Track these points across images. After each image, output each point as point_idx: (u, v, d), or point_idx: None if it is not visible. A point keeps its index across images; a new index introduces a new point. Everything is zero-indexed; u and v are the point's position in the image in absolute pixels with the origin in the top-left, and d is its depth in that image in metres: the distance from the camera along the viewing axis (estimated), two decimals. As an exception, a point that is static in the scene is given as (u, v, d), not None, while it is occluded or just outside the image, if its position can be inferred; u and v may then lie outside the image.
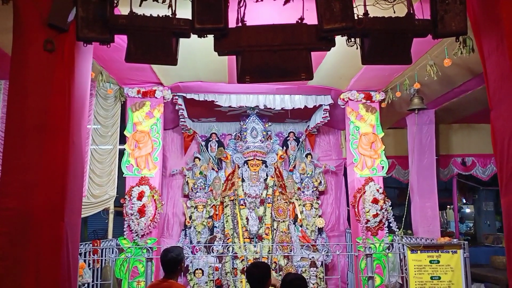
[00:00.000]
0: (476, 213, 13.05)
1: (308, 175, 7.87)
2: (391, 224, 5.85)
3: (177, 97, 6.35)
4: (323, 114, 6.82)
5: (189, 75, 5.64)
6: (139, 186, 5.60)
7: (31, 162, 2.68)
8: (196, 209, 7.47)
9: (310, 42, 2.78)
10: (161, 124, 5.89)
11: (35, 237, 2.59)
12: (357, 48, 2.93)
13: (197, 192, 7.53)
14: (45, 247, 2.59)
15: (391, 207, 5.87)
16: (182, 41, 2.98)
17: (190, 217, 7.42)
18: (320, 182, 7.93)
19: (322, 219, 7.57)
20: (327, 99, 6.44)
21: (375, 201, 5.70)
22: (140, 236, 5.47)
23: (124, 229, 5.59)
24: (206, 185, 7.70)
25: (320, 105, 6.80)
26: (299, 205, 7.57)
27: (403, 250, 4.87)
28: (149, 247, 4.84)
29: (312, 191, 7.68)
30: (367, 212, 5.72)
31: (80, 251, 4.81)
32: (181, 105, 6.59)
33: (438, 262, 4.39)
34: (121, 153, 5.82)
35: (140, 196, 5.51)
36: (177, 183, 8.40)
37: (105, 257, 4.99)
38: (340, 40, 3.12)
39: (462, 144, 9.04)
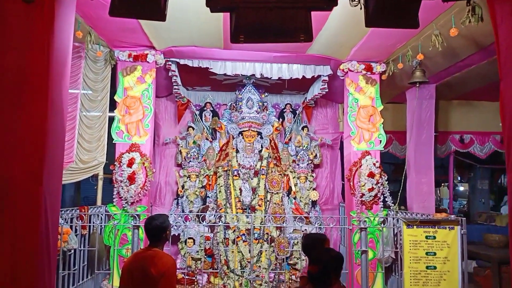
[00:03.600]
0: (471, 191, 13.07)
1: (304, 148, 7.73)
2: (386, 199, 5.76)
3: (170, 63, 6.10)
4: (322, 85, 6.61)
5: (183, 38, 5.38)
6: (129, 153, 5.44)
7: (8, 122, 2.49)
8: (189, 178, 7.35)
9: (310, 0, 2.56)
10: (153, 90, 5.68)
11: (11, 202, 2.43)
12: (361, 8, 2.72)
13: (190, 161, 7.40)
14: (22, 213, 2.45)
15: (387, 182, 5.76)
16: (176, 4, 2.74)
17: (183, 187, 7.32)
18: (316, 155, 7.81)
19: (316, 192, 7.49)
20: (326, 70, 6.21)
21: (371, 175, 5.58)
22: (129, 203, 5.35)
23: (114, 196, 5.47)
24: (199, 155, 7.56)
25: (319, 76, 6.57)
26: (294, 177, 7.47)
27: (398, 224, 4.78)
28: (136, 215, 4.72)
29: (307, 164, 7.56)
30: (363, 186, 5.61)
31: (67, 217, 4.70)
32: (174, 71, 6.35)
33: (434, 238, 4.31)
34: (111, 118, 5.62)
35: (130, 163, 5.36)
36: (170, 152, 8.26)
37: (93, 223, 4.87)
38: (342, 2, 2.91)
39: (461, 121, 8.91)
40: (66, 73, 2.89)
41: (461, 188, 15.55)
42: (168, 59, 5.97)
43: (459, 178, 14.46)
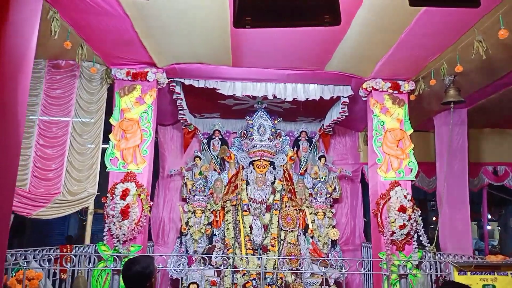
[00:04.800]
0: (503, 229, 11.97)
1: (321, 180, 6.97)
2: (421, 238, 4.90)
3: (174, 84, 5.54)
4: (341, 108, 5.95)
5: (187, 54, 4.83)
6: (123, 183, 4.77)
7: None
8: (194, 214, 6.61)
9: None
10: (153, 112, 5.08)
11: None
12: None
13: (195, 194, 6.68)
14: None
15: (420, 218, 4.93)
16: (177, 12, 2.14)
17: (187, 223, 6.57)
18: (335, 188, 7.03)
19: (336, 230, 6.65)
20: (347, 90, 5.56)
21: (402, 209, 4.77)
22: (121, 242, 4.62)
23: (104, 234, 4.75)
24: (206, 188, 6.86)
25: (338, 98, 5.93)
26: (311, 213, 6.68)
27: (447, 270, 3.92)
28: (116, 256, 3.94)
29: (326, 198, 6.78)
30: (392, 222, 4.79)
31: (43, 257, 3.96)
32: (179, 93, 5.78)
33: (494, 287, 3.44)
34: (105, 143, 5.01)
35: (124, 195, 4.67)
36: (175, 185, 7.61)
37: (76, 266, 4.12)
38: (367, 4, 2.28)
39: (494, 151, 8.12)
40: (23, 80, 2.25)
41: (488, 227, 14.37)
42: (172, 79, 5.42)
43: (488, 216, 13.35)
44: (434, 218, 9.51)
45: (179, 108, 6.23)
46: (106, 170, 4.91)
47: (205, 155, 7.31)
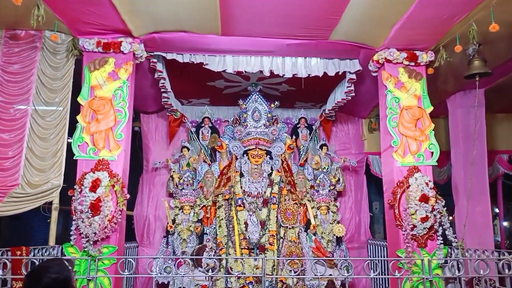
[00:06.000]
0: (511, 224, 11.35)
1: (324, 171, 6.25)
2: (446, 232, 4.19)
3: (155, 60, 4.79)
4: (347, 87, 5.23)
5: (168, 20, 4.08)
6: (94, 173, 4.00)
7: None
8: (181, 210, 5.89)
9: None
10: (129, 89, 4.31)
11: None
12: None
13: (183, 188, 5.94)
14: None
15: (444, 208, 4.21)
16: None
17: (174, 221, 5.83)
18: (338, 179, 6.33)
19: (342, 225, 5.94)
20: (354, 65, 4.84)
21: (425, 198, 4.05)
22: (92, 242, 3.85)
23: (72, 233, 3.98)
24: (195, 181, 6.13)
25: (343, 77, 5.22)
26: (312, 207, 5.98)
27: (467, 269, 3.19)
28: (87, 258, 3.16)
29: (329, 191, 6.08)
30: (413, 214, 4.07)
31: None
32: (161, 72, 5.03)
33: None
34: (73, 127, 4.23)
35: (94, 186, 3.90)
36: (160, 180, 6.89)
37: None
38: None
39: (509, 138, 7.46)
40: None
41: (505, 223, 13.74)
42: (151, 53, 4.66)
43: (495, 209, 12.73)
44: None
45: (162, 90, 5.47)
46: (74, 158, 4.14)
47: (194, 146, 6.57)
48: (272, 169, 6.04)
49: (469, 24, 3.84)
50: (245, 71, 4.77)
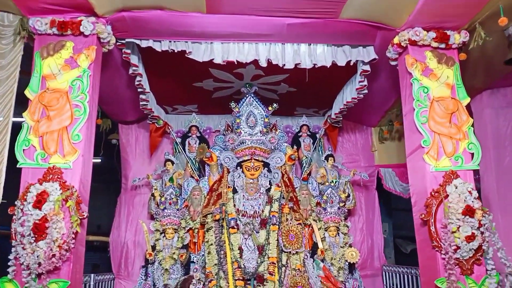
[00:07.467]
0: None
1: (331, 185, 5.36)
2: (499, 254, 3.28)
3: (128, 50, 3.95)
4: (359, 82, 4.39)
5: (140, -7, 3.27)
6: (41, 184, 3.08)
7: None
8: (163, 234, 4.92)
9: None
10: (90, 80, 3.43)
11: None
12: None
13: (165, 208, 5.00)
14: None
15: (493, 224, 3.31)
16: None
17: (154, 247, 4.86)
18: (348, 195, 5.43)
19: (355, 249, 5.00)
20: (369, 53, 4.01)
21: (469, 211, 3.15)
22: (35, 275, 2.89)
23: (10, 263, 3.02)
24: (179, 199, 5.19)
25: (353, 72, 4.40)
26: (319, 228, 5.05)
27: None
28: None
29: (338, 208, 5.16)
30: (455, 231, 3.15)
31: None
32: (137, 67, 4.19)
33: None
34: (18, 127, 3.32)
35: (40, 201, 2.97)
36: (141, 200, 6.00)
37: None
38: None
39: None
40: None
41: None
42: (122, 40, 3.82)
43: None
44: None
45: (139, 90, 4.61)
46: (17, 166, 3.22)
47: (179, 159, 5.69)
48: (270, 184, 5.10)
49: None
50: (237, 61, 3.92)
